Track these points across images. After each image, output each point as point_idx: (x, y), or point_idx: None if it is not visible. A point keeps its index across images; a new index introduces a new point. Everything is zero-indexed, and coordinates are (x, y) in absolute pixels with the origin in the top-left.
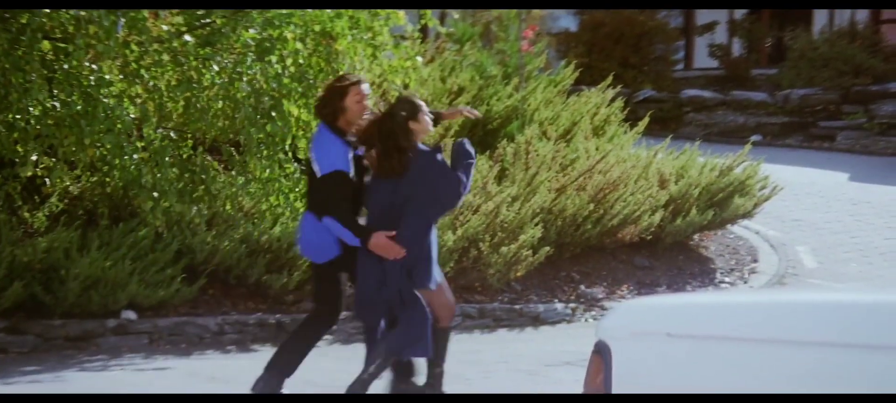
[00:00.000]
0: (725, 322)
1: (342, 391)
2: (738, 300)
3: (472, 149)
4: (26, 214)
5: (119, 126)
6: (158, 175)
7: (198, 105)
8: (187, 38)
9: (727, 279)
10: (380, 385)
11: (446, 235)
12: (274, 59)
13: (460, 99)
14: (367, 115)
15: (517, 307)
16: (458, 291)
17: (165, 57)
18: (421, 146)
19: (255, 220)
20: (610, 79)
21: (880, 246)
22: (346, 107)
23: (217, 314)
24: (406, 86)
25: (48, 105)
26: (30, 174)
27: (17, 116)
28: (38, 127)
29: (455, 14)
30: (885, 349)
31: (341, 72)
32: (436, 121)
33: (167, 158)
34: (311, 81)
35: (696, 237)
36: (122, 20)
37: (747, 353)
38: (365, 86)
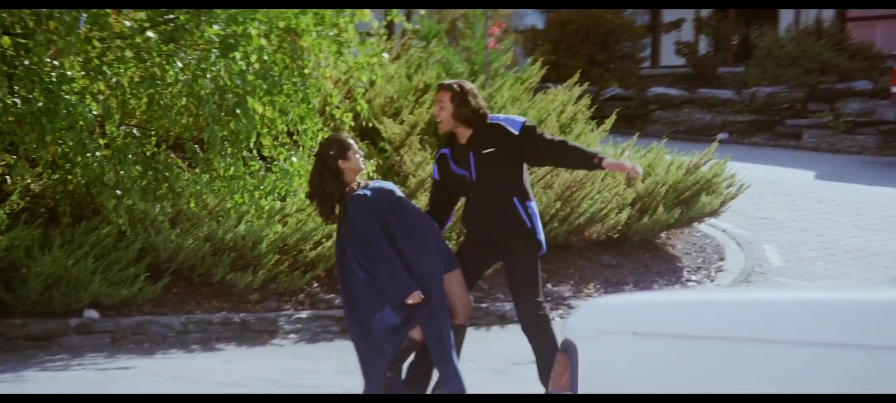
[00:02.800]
0: (692, 320)
1: (309, 390)
2: (704, 298)
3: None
4: None
5: (81, 123)
6: (121, 172)
7: (161, 102)
8: (150, 34)
9: (694, 277)
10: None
11: None
12: (238, 55)
13: (426, 96)
14: (440, 120)
15: (483, 305)
16: None
17: (128, 53)
18: (357, 190)
19: (220, 218)
20: (577, 76)
21: (846, 245)
22: None
23: (181, 313)
24: (372, 83)
25: (9, 102)
26: None
27: None
28: None
29: (421, 10)
30: (851, 347)
31: (307, 69)
32: (597, 166)
33: (130, 156)
34: (275, 78)
35: (663, 235)
36: (84, 16)
37: (714, 352)
38: (440, 94)
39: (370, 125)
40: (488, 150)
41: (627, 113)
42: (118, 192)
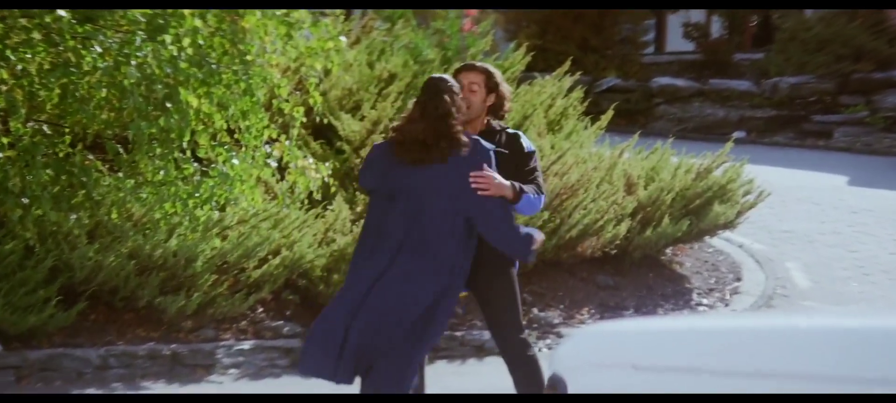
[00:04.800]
0: (702, 352)
1: None
2: (717, 326)
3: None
4: None
5: None
6: (29, 177)
7: (76, 93)
8: (62, 12)
9: (705, 301)
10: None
11: None
12: (168, 38)
13: (391, 88)
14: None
15: (458, 334)
16: None
17: (36, 35)
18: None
19: (147, 231)
20: (567, 64)
21: (884, 263)
22: None
23: (100, 344)
24: (328, 73)
25: None
26: None
27: None
28: None
29: None
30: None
31: (250, 55)
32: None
33: (39, 157)
34: (212, 66)
35: (668, 251)
36: None
37: (729, 390)
38: (471, 75)
39: (325, 121)
40: (504, 152)
41: (627, 107)
42: (25, 201)
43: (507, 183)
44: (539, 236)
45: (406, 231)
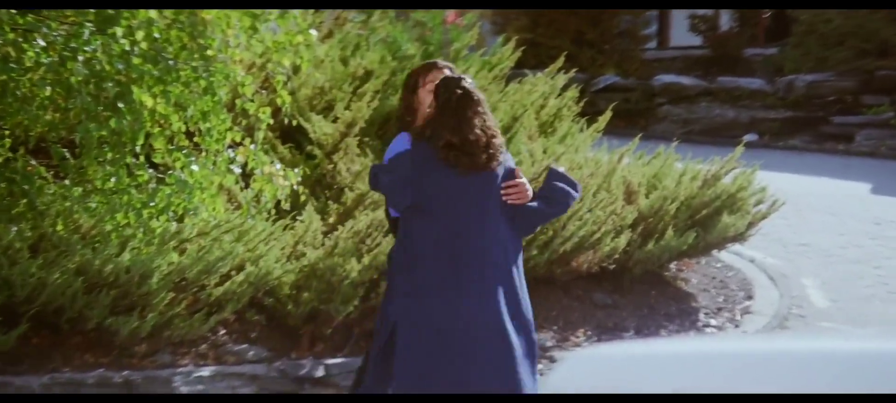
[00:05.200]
0: (710, 379)
1: None
2: (726, 349)
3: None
4: None
5: None
6: None
7: (17, 92)
8: None
9: (713, 321)
10: None
11: (349, 263)
12: (120, 31)
13: (367, 86)
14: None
15: None
16: (364, 338)
17: None
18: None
19: (96, 245)
20: (561, 60)
21: None
22: None
23: (43, 371)
24: (297, 69)
25: None
26: None
27: None
28: None
29: None
30: None
31: (211, 50)
32: None
33: None
34: (169, 62)
35: (672, 266)
36: None
37: None
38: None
39: (294, 123)
40: None
41: (627, 108)
42: None
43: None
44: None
45: (469, 249)
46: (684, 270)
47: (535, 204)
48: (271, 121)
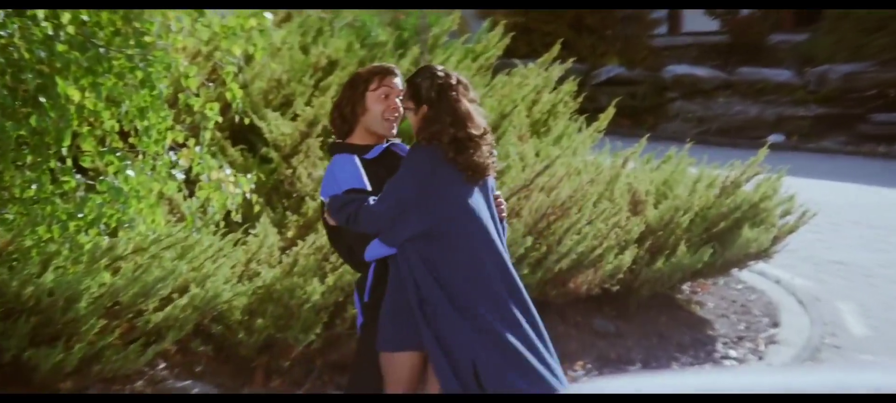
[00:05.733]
0: None
1: None
2: (748, 385)
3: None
4: None
5: None
6: None
7: None
8: None
9: (733, 352)
10: None
11: (310, 284)
12: (41, 14)
13: (331, 78)
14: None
15: None
16: (328, 371)
17: None
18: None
19: (14, 263)
20: (556, 48)
21: None
22: None
23: None
24: (249, 59)
25: None
26: None
27: None
28: None
29: None
30: None
31: (150, 36)
32: None
33: None
34: (101, 49)
35: (685, 288)
36: None
37: None
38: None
39: (246, 121)
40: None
41: (632, 103)
42: None
43: None
44: None
45: (497, 273)
46: (699, 292)
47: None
48: (220, 119)
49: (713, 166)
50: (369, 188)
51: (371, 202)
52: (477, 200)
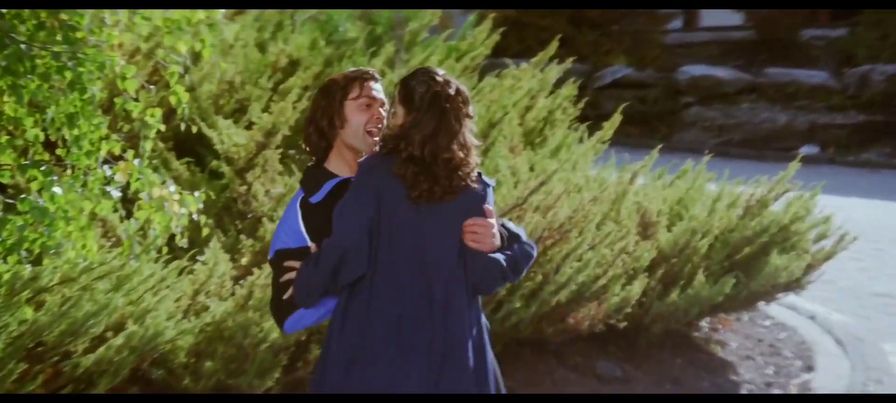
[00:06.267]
0: None
1: None
2: None
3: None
4: None
5: None
6: None
7: None
8: None
9: None
10: None
11: (268, 320)
12: None
13: (292, 80)
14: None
15: None
16: None
17: None
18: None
19: None
20: (554, 45)
21: None
22: None
23: None
24: (197, 58)
25: None
26: None
27: None
28: None
29: None
30: None
31: (80, 31)
32: None
33: None
34: (21, 45)
35: (704, 324)
36: None
37: None
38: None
39: (194, 130)
40: None
41: (642, 109)
42: None
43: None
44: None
45: (434, 321)
46: (720, 330)
47: (499, 256)
48: (163, 128)
49: (736, 182)
50: (307, 243)
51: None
52: (430, 226)
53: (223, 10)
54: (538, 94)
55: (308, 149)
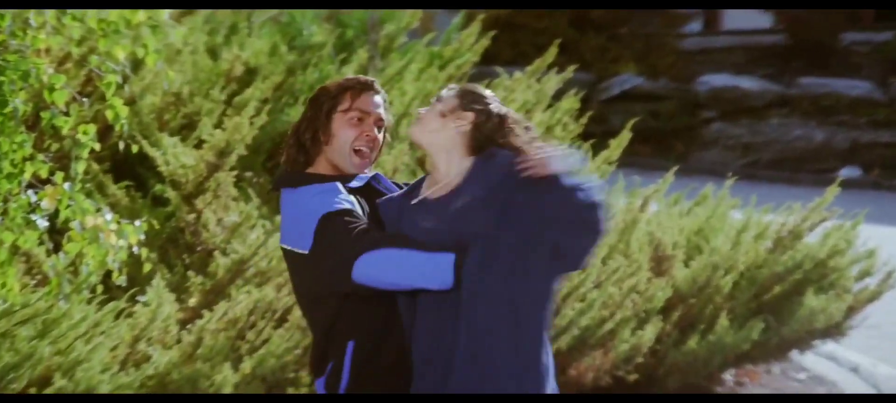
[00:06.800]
0: None
1: None
2: None
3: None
4: None
5: None
6: None
7: None
8: None
9: None
10: None
11: (220, 371)
12: None
13: (249, 91)
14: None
15: None
16: None
17: None
18: None
19: None
20: (552, 52)
21: None
22: None
23: None
24: (138, 65)
25: None
26: None
27: None
28: None
29: None
30: None
31: (3, 36)
32: None
33: None
34: None
35: (729, 376)
36: None
37: None
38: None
39: (135, 150)
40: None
41: (656, 125)
42: None
43: None
44: None
45: None
46: (747, 383)
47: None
48: (98, 146)
49: (764, 209)
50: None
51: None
52: None
53: (169, 11)
54: (534, 108)
55: (285, 160)
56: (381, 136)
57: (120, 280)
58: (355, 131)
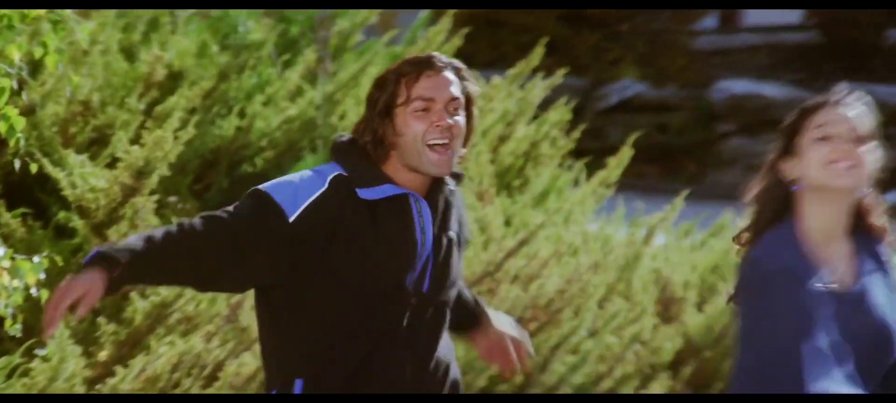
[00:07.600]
0: None
1: None
2: None
3: None
4: None
5: None
6: None
7: None
8: None
9: None
10: None
11: None
12: None
13: (173, 99)
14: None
15: None
16: None
17: None
18: None
19: None
20: (539, 52)
21: None
22: None
23: None
24: (37, 68)
25: None
26: None
27: None
28: None
29: None
30: None
31: None
32: None
33: None
34: None
35: None
36: None
37: None
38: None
39: (33, 169)
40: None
41: (663, 141)
42: None
43: None
44: None
45: None
46: None
47: None
48: None
49: None
50: None
51: None
52: None
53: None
54: (517, 119)
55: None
56: (461, 119)
57: (14, 329)
58: (423, 124)
